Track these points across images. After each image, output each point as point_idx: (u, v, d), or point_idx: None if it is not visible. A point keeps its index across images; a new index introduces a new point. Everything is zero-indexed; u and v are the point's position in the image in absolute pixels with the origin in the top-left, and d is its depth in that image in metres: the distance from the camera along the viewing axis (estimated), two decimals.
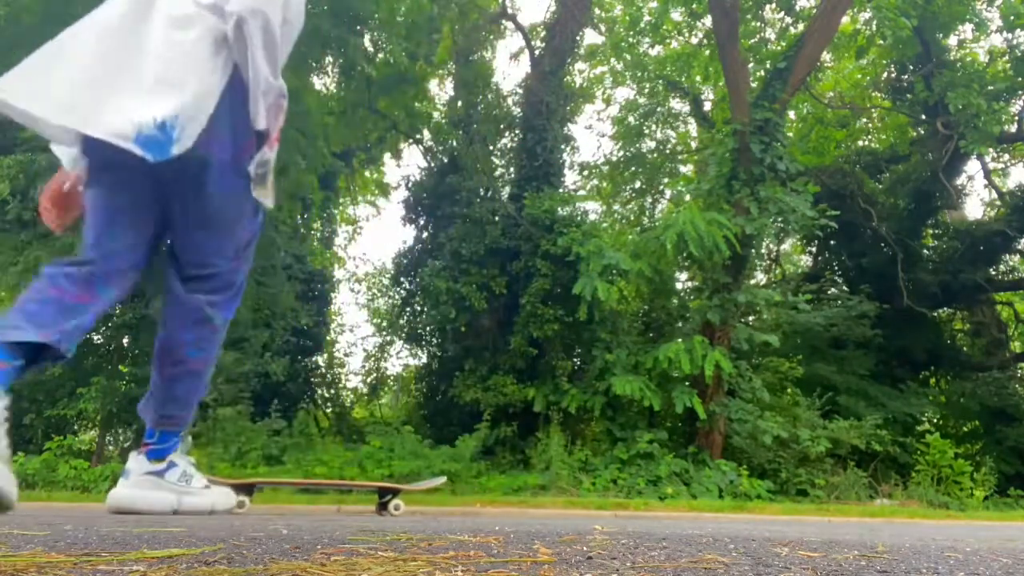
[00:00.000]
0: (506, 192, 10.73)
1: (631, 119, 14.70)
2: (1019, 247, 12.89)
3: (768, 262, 15.06)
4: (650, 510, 5.83)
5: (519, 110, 11.38)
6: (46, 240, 7.90)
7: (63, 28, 1.89)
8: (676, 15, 13.22)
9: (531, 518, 2.91)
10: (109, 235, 1.82)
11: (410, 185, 11.96)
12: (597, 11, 13.38)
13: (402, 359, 14.27)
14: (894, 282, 11.61)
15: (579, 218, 9.43)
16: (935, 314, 12.87)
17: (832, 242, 13.49)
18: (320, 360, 12.48)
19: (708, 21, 11.78)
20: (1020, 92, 11.38)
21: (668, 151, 15.65)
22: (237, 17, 1.78)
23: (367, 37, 9.36)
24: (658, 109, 14.86)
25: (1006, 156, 14.73)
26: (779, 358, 10.06)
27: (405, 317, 11.92)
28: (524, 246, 9.33)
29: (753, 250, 8.80)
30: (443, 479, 3.16)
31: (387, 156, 15.30)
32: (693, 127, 15.69)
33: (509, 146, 11.74)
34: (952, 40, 12.75)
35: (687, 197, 9.68)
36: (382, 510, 2.98)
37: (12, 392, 1.65)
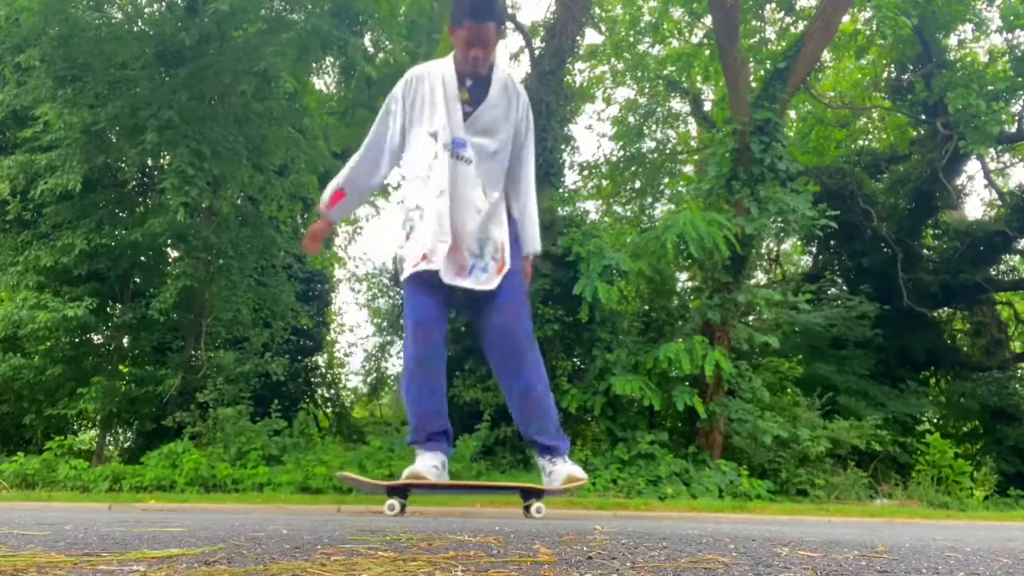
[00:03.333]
0: None
1: (631, 119, 14.70)
2: (1019, 247, 12.89)
3: (768, 262, 15.05)
4: (650, 510, 5.82)
5: None
6: (46, 240, 7.90)
7: (62, 27, 1.96)
8: (676, 14, 13.21)
9: (531, 518, 2.91)
10: None
11: None
12: (597, 11, 13.38)
13: (402, 359, 14.24)
14: (894, 282, 11.61)
15: (579, 218, 9.41)
16: (935, 314, 12.87)
17: (832, 242, 13.48)
18: (320, 360, 12.48)
19: (708, 20, 11.78)
20: (1020, 92, 11.37)
21: (668, 151, 15.64)
22: None
23: (367, 37, 9.36)
24: (658, 109, 14.86)
25: (1006, 156, 14.73)
26: (779, 358, 10.06)
27: None
28: None
29: (753, 250, 8.79)
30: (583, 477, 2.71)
31: None
32: (693, 127, 15.69)
33: None
34: (952, 40, 12.76)
35: (687, 197, 9.68)
36: (526, 513, 2.94)
37: None
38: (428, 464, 2.76)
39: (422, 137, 2.74)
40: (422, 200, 2.71)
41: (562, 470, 2.75)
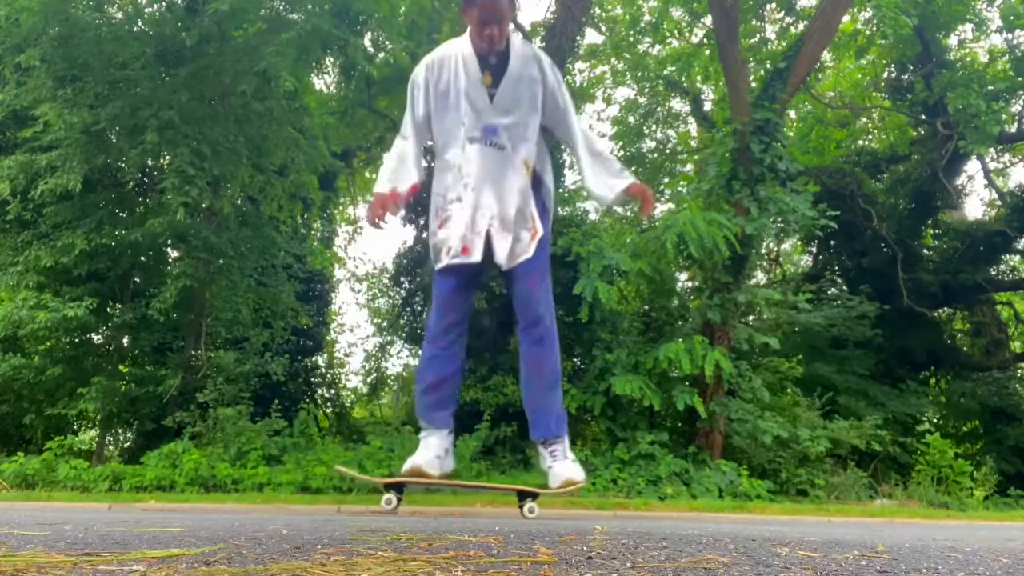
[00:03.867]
0: None
1: (631, 119, 14.69)
2: (1019, 247, 12.88)
3: (768, 262, 15.05)
4: (650, 510, 5.83)
5: None
6: (46, 240, 7.90)
7: (62, 27, 1.97)
8: (676, 14, 13.21)
9: (525, 518, 2.92)
10: None
11: None
12: (597, 11, 13.38)
13: (402, 359, 14.27)
14: (894, 282, 11.60)
15: (579, 218, 9.41)
16: (935, 314, 12.87)
17: (832, 242, 13.48)
18: (320, 360, 12.48)
19: (708, 20, 11.78)
20: (1020, 92, 11.37)
21: (668, 151, 15.64)
22: None
23: (367, 37, 9.36)
24: (658, 109, 14.85)
25: (1006, 156, 14.72)
26: (779, 358, 10.07)
27: (405, 317, 11.92)
28: None
29: (753, 250, 8.79)
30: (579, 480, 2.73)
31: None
32: (693, 127, 15.69)
33: None
34: (952, 40, 12.76)
35: (687, 197, 9.68)
36: (520, 512, 3.00)
37: None
38: (431, 455, 2.75)
39: (452, 126, 2.72)
40: (459, 192, 2.71)
41: (560, 472, 2.75)
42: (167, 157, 8.02)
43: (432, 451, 2.76)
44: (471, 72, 2.68)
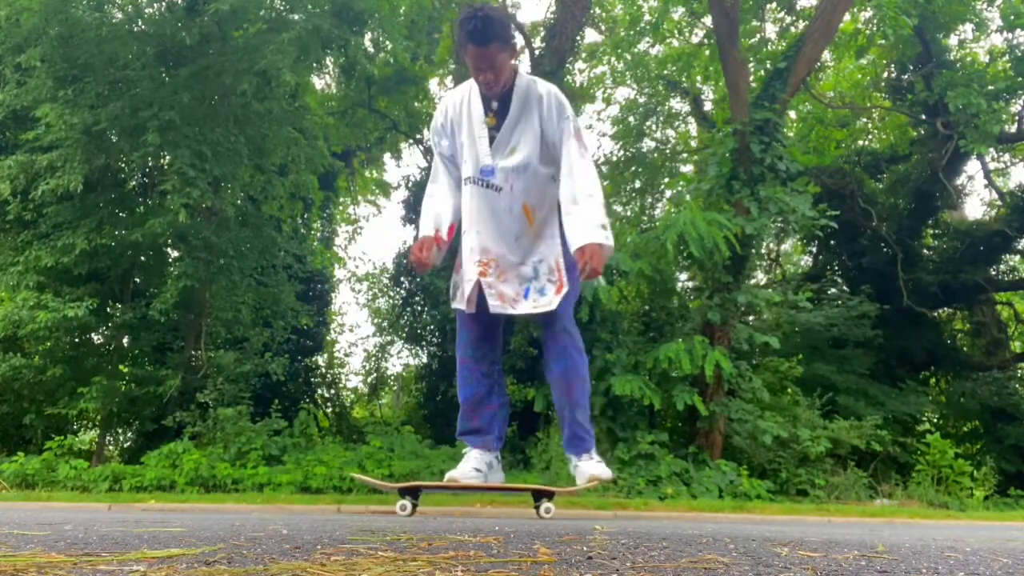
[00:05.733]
0: None
1: (631, 119, 14.69)
2: (1019, 247, 12.88)
3: (768, 262, 15.05)
4: (650, 510, 5.82)
5: None
6: (46, 240, 7.90)
7: (62, 27, 1.99)
8: (676, 14, 13.22)
9: (531, 518, 2.92)
10: None
11: (410, 185, 11.96)
12: (597, 11, 13.39)
13: (402, 359, 14.27)
14: (894, 282, 11.60)
15: None
16: (935, 314, 12.87)
17: (832, 242, 13.48)
18: (320, 360, 12.49)
19: (708, 20, 11.77)
20: (1020, 92, 11.37)
21: (668, 151, 15.64)
22: None
23: (367, 37, 9.37)
24: (658, 109, 14.86)
25: (1006, 156, 14.72)
26: (779, 358, 10.06)
27: (405, 317, 11.93)
28: None
29: (753, 250, 8.78)
30: (605, 476, 2.83)
31: (387, 156, 15.32)
32: (693, 127, 15.70)
33: None
34: (952, 40, 12.75)
35: (687, 197, 9.67)
36: (537, 512, 3.04)
37: None
38: (469, 468, 2.83)
39: (462, 165, 2.76)
40: (465, 234, 2.77)
41: (585, 469, 2.81)
42: (167, 157, 8.02)
43: (471, 464, 2.82)
44: (475, 113, 2.67)
